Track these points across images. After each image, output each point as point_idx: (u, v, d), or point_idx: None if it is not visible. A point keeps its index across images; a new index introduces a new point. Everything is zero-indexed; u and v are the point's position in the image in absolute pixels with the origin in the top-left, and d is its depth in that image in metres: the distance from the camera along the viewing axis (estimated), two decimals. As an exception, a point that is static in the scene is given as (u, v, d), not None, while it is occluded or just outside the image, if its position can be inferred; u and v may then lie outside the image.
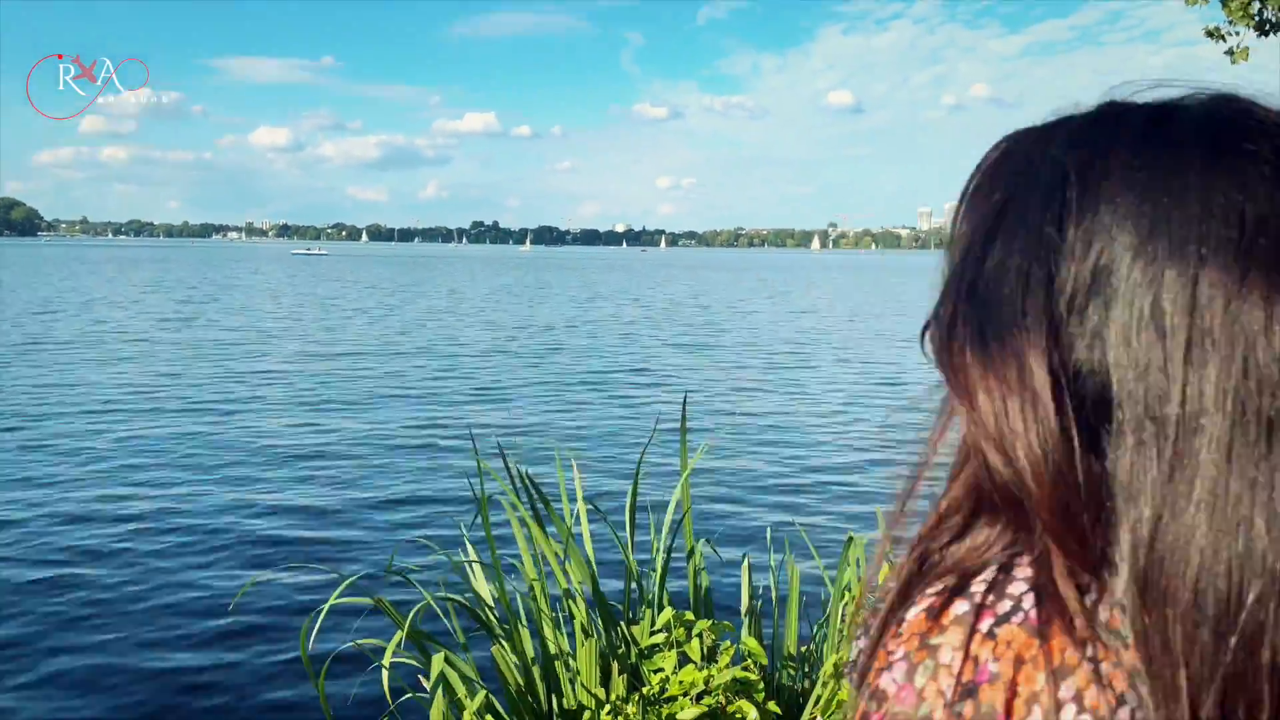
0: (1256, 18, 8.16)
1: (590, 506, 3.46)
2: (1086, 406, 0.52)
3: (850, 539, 3.06)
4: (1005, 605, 0.53)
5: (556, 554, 3.09)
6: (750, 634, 3.19)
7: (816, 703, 2.91)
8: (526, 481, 3.15)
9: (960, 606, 0.54)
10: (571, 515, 3.39)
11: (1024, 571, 0.54)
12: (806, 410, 15.25)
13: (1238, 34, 8.73)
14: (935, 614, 0.55)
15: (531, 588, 3.16)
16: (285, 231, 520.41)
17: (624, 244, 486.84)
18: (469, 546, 3.45)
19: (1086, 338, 0.52)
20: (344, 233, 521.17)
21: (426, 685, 2.88)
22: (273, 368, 19.22)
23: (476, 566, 3.31)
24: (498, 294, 49.84)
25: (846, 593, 3.03)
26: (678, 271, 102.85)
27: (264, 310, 34.08)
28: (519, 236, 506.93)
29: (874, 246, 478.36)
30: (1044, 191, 0.56)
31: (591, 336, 27.12)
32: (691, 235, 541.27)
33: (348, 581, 2.83)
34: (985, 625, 0.53)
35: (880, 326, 33.58)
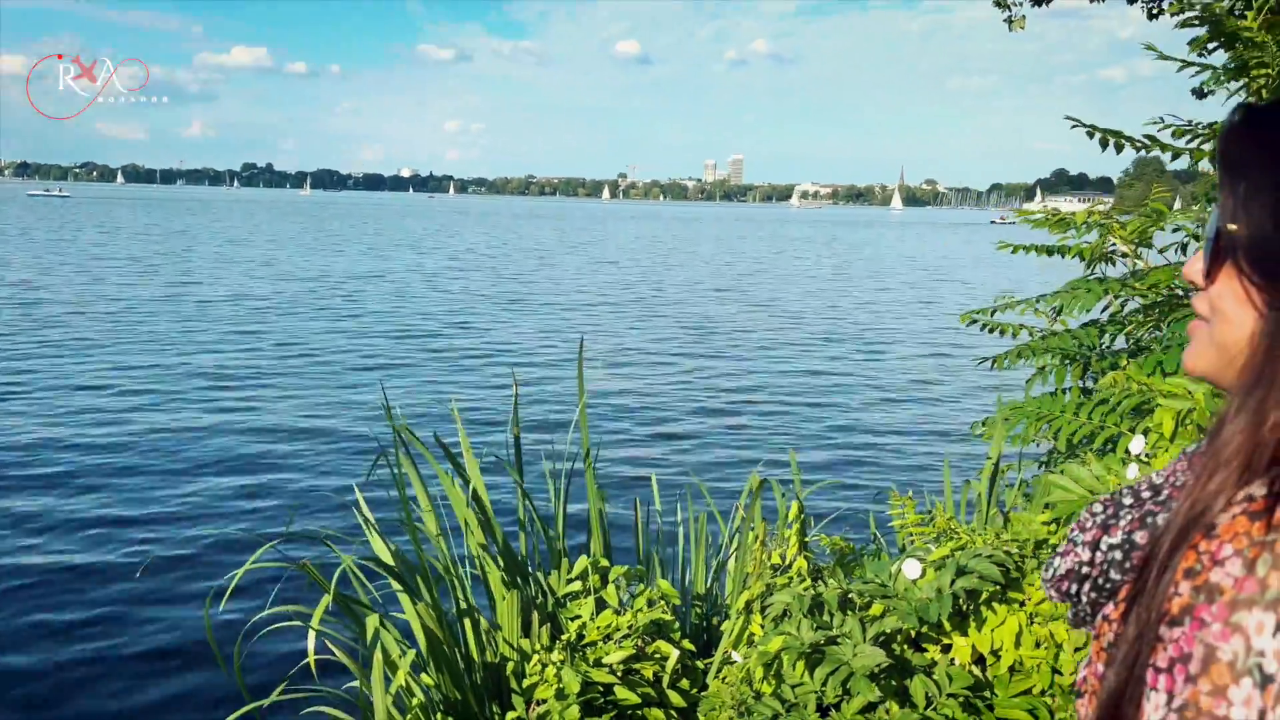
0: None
1: (486, 460, 3.43)
2: None
3: (760, 480, 3.20)
4: None
5: (469, 511, 3.06)
6: (662, 577, 3.29)
7: (729, 636, 3.05)
8: (436, 439, 3.09)
9: None
10: (455, 472, 3.33)
11: None
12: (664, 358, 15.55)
13: (1019, 3, 9.52)
14: (1260, 516, 0.64)
15: (439, 545, 3.12)
16: (24, 171, 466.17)
17: (411, 190, 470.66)
18: (364, 507, 3.35)
19: None
20: (95, 173, 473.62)
21: (338, 654, 2.80)
22: (40, 324, 17.42)
23: (372, 528, 3.22)
24: (285, 242, 47.07)
25: (750, 531, 3.18)
26: (473, 220, 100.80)
27: (22, 263, 30.56)
28: (296, 180, 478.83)
29: (662, 197, 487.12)
30: None
31: (405, 287, 26.22)
32: (481, 183, 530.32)
33: (265, 547, 2.68)
34: None
35: (692, 275, 34.47)
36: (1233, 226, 0.72)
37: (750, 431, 10.58)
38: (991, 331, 3.49)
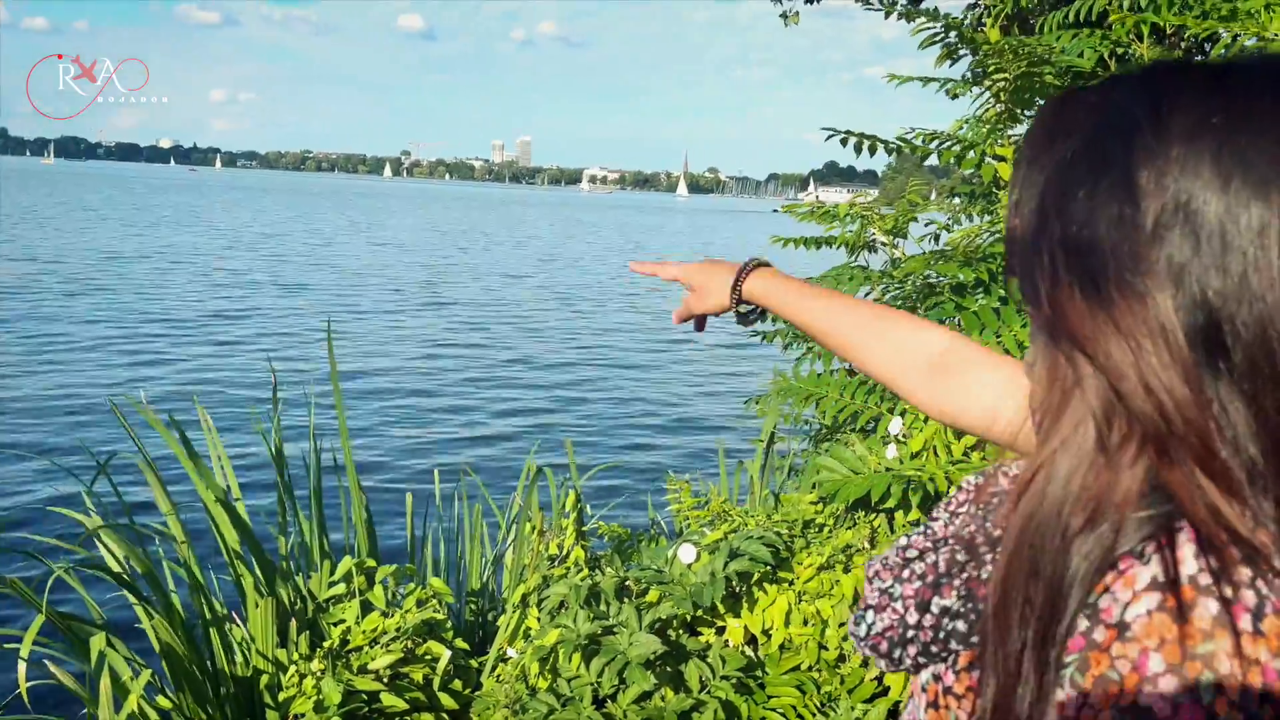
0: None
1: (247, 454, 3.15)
2: (1200, 340, 0.54)
3: (536, 469, 3.10)
4: (1249, 597, 0.52)
5: (219, 509, 2.78)
6: (434, 574, 3.13)
7: (505, 631, 2.95)
8: (174, 424, 2.79)
9: (1209, 607, 0.52)
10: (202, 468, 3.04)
11: (1189, 535, 0.55)
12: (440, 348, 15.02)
13: (793, -1, 9.89)
14: (1182, 617, 0.52)
15: (179, 550, 2.83)
16: None
17: (172, 161, 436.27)
18: (90, 511, 2.98)
19: (1193, 272, 0.53)
20: None
21: (64, 680, 2.47)
22: None
23: (106, 533, 2.87)
24: (21, 217, 42.23)
25: (527, 521, 3.09)
26: (242, 195, 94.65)
27: None
28: (36, 147, 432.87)
29: (448, 176, 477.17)
30: (1121, 136, 0.57)
31: (163, 271, 24.11)
32: (252, 156, 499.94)
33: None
34: (1245, 623, 0.51)
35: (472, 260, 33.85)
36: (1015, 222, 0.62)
37: (527, 418, 10.49)
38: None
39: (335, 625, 2.80)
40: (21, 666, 2.22)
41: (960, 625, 0.67)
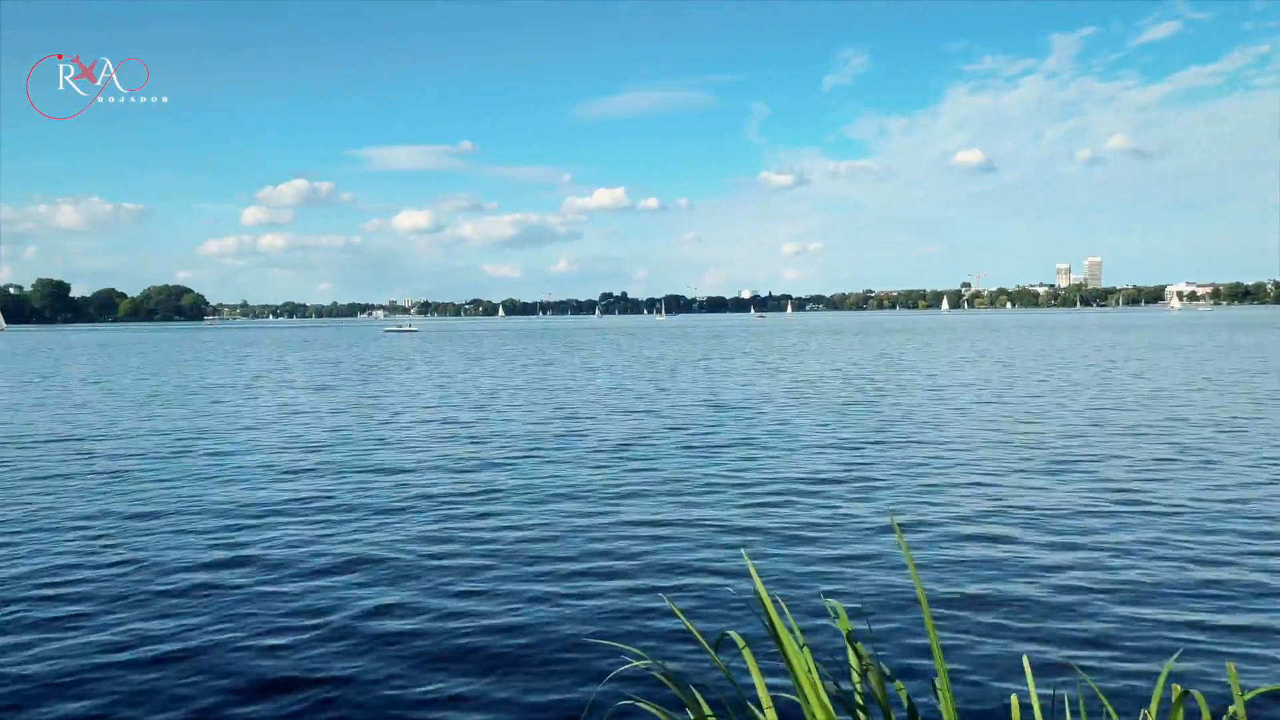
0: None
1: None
2: None
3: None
4: None
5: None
6: None
7: None
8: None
9: None
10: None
11: None
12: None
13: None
14: None
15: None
16: (426, 308, 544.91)
17: (751, 310, 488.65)
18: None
19: None
20: (480, 308, 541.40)
21: None
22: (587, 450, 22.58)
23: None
24: (757, 364, 51.26)
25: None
26: (828, 338, 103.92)
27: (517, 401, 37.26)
28: (648, 306, 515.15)
29: (1009, 305, 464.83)
30: None
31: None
32: (819, 299, 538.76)
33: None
34: None
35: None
36: None
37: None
38: None
39: None
40: None
41: None
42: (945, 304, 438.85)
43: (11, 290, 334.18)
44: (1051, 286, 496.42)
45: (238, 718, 6.97)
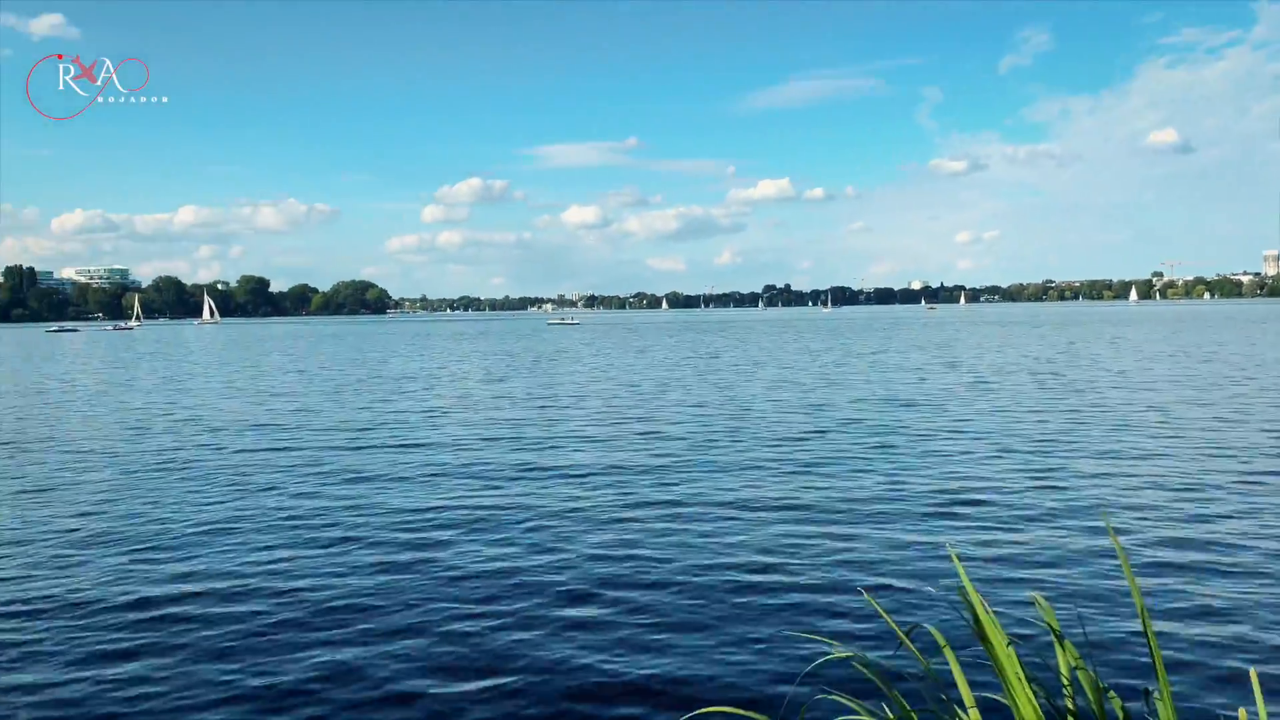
0: None
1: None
2: None
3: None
4: None
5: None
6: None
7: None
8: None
9: None
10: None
11: None
12: None
13: None
14: None
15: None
16: (592, 301, 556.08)
17: (922, 301, 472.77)
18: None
19: None
20: (644, 300, 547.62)
21: None
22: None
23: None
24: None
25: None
26: (1016, 330, 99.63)
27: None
28: (812, 298, 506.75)
29: (1207, 295, 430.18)
30: None
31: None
32: (994, 290, 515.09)
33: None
34: None
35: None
36: None
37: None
38: None
39: None
40: None
41: None
42: (1134, 294, 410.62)
43: (220, 286, 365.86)
44: (1257, 275, 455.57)
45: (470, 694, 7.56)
